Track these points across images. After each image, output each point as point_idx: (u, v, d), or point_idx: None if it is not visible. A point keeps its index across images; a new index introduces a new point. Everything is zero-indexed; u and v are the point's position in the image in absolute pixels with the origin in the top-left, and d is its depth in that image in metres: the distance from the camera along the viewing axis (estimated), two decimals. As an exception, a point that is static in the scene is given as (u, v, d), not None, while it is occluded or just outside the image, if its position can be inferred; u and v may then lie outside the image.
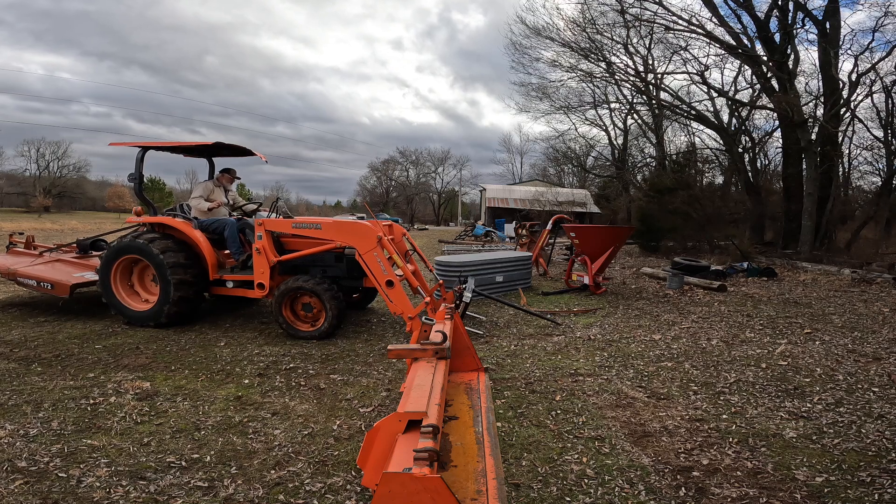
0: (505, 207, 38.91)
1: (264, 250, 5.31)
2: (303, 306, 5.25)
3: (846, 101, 14.45)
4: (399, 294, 4.89)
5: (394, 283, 4.88)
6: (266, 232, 5.35)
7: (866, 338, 5.58)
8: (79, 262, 6.74)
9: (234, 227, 5.78)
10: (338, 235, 5.20)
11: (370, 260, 4.92)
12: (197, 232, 5.65)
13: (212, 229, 5.82)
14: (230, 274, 5.66)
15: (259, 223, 5.37)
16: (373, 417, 3.32)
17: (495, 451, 2.37)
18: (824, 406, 3.58)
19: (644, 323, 6.24)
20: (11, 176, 59.38)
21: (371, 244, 4.92)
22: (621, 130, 28.29)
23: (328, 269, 5.49)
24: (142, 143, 5.90)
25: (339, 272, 5.48)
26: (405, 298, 4.90)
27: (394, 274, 4.92)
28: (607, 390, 3.87)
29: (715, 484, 2.55)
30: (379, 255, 4.91)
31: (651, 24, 15.75)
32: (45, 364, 4.33)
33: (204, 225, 5.82)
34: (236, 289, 5.61)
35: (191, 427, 3.14)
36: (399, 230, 5.97)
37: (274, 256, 5.36)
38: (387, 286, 4.90)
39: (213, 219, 5.88)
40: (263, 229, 5.34)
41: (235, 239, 5.74)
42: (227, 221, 5.84)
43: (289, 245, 5.59)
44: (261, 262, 5.33)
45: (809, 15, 14.22)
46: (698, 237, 15.31)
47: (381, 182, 73.58)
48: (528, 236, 14.10)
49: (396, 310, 4.92)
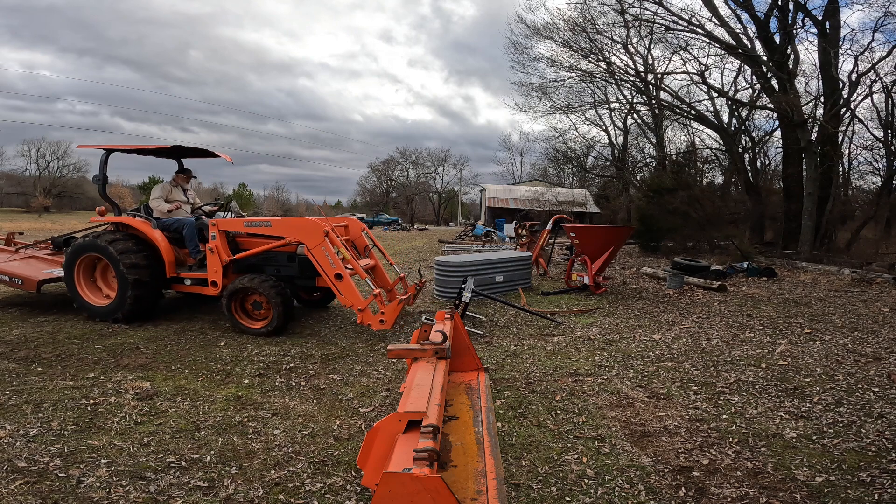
0: (505, 207, 38.91)
1: (217, 249, 5.46)
2: (253, 304, 5.40)
3: (846, 101, 14.45)
4: (348, 287, 5.01)
5: (342, 277, 5.01)
6: (219, 231, 5.50)
7: (866, 338, 5.58)
8: (51, 259, 6.95)
9: (193, 227, 5.92)
10: (287, 232, 5.36)
11: (318, 254, 5.06)
12: (156, 231, 5.82)
13: (172, 229, 5.96)
14: (188, 272, 5.82)
15: (213, 223, 5.52)
16: (373, 417, 3.32)
17: (495, 451, 2.37)
18: (824, 406, 3.58)
19: (644, 323, 6.23)
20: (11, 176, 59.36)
21: (318, 239, 5.05)
22: (621, 130, 28.29)
23: (281, 268, 5.62)
24: (106, 146, 6.13)
25: (291, 272, 5.60)
26: (355, 291, 5.02)
27: (342, 267, 5.04)
28: (607, 390, 3.87)
29: (715, 484, 2.55)
30: (327, 250, 5.03)
31: (651, 24, 15.75)
32: (45, 364, 4.33)
33: (164, 224, 5.98)
34: (193, 286, 5.76)
35: (191, 427, 3.15)
36: (358, 226, 6.20)
37: (227, 255, 5.51)
38: (336, 279, 5.04)
39: (173, 219, 6.04)
40: (217, 229, 5.49)
41: (194, 238, 5.87)
42: (186, 221, 5.98)
43: (244, 245, 5.75)
44: (214, 260, 5.48)
45: (809, 15, 14.22)
46: (698, 237, 15.30)
47: (380, 182, 73.60)
48: (528, 236, 14.10)
49: (346, 302, 5.05)
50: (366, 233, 6.22)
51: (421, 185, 73.86)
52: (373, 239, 6.26)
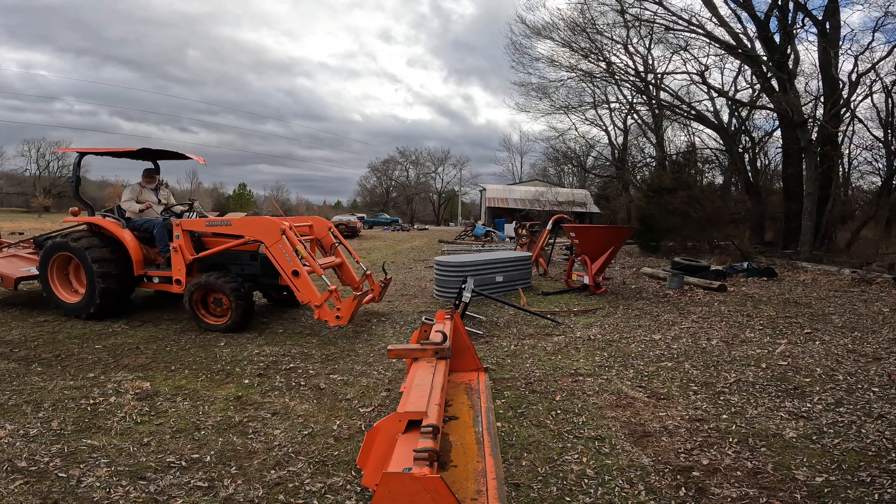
0: (505, 207, 38.92)
1: (181, 248, 5.63)
2: (214, 301, 5.54)
3: (846, 101, 14.46)
4: (305, 283, 5.15)
5: (299, 274, 5.15)
6: (183, 231, 5.67)
7: (866, 338, 5.58)
8: (31, 258, 7.09)
9: (162, 227, 6.05)
10: (246, 230, 5.52)
11: (276, 252, 5.21)
12: (125, 231, 6.00)
13: (143, 229, 6.14)
14: (156, 270, 6.02)
15: (177, 223, 5.69)
16: (373, 417, 3.32)
17: (495, 451, 2.37)
18: (824, 406, 3.58)
19: (644, 323, 6.23)
20: (11, 176, 59.42)
21: (276, 237, 5.20)
22: (621, 130, 28.32)
23: (245, 267, 5.78)
24: (80, 149, 6.45)
25: (255, 270, 5.75)
26: (311, 287, 5.15)
27: (299, 264, 5.16)
28: (607, 390, 3.87)
29: (715, 484, 2.55)
30: (284, 248, 5.18)
31: (651, 24, 15.76)
32: (45, 364, 4.33)
33: (135, 225, 6.15)
34: (161, 284, 5.96)
35: (191, 427, 3.15)
36: (324, 225, 6.45)
37: (190, 254, 5.69)
38: (293, 276, 5.17)
39: (144, 219, 6.20)
40: (180, 229, 5.66)
41: (163, 237, 5.99)
42: (156, 221, 6.13)
43: (210, 244, 5.91)
44: (178, 259, 5.67)
45: (809, 15, 14.22)
46: (698, 237, 15.30)
47: (380, 182, 73.62)
48: (528, 236, 14.10)
49: (303, 298, 5.20)
50: (332, 231, 6.44)
51: (421, 185, 73.88)
52: (339, 237, 6.45)
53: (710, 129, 19.78)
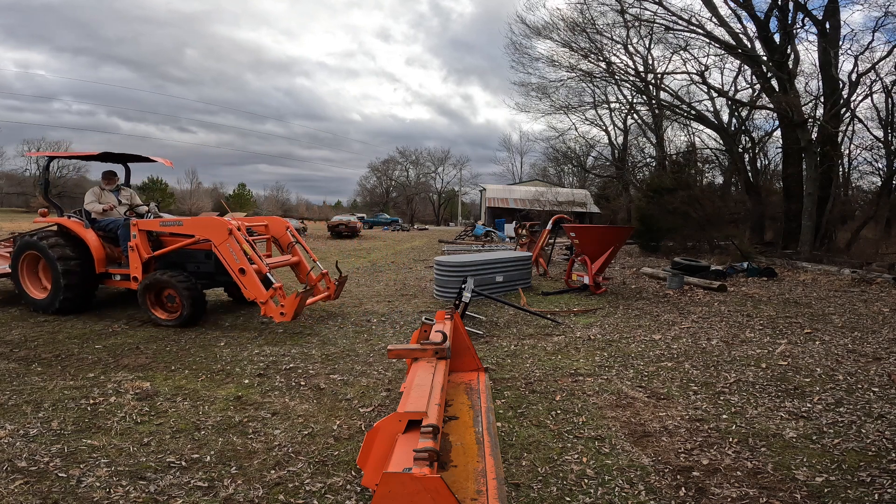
0: (505, 207, 38.92)
1: (137, 247, 5.88)
2: (167, 297, 5.74)
3: (846, 101, 14.46)
4: (251, 280, 5.30)
5: (246, 271, 5.32)
6: (139, 231, 5.92)
7: (866, 338, 5.58)
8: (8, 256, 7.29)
9: (125, 227, 6.21)
10: (196, 230, 5.72)
11: (224, 250, 5.42)
12: (88, 231, 6.23)
13: (107, 229, 6.37)
14: (117, 268, 6.25)
15: (134, 223, 5.94)
16: (373, 417, 3.32)
17: (495, 451, 2.37)
18: (824, 406, 3.58)
19: (644, 323, 6.23)
20: (11, 176, 59.38)
21: (223, 236, 5.42)
22: (621, 130, 28.31)
23: (200, 265, 5.98)
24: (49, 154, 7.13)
25: (209, 268, 5.92)
26: (257, 284, 5.29)
27: (246, 263, 5.32)
28: (607, 390, 3.87)
29: (715, 484, 2.55)
30: (231, 246, 5.37)
31: (651, 24, 15.76)
32: (45, 364, 4.33)
33: (101, 225, 6.38)
34: (122, 281, 6.18)
35: (191, 427, 3.14)
36: (281, 224, 6.67)
37: (146, 253, 5.92)
38: (240, 273, 5.36)
39: (108, 219, 6.42)
40: (137, 229, 5.91)
41: (126, 237, 6.13)
42: (119, 221, 6.30)
43: (168, 243, 6.09)
44: (134, 257, 5.93)
45: (809, 15, 14.22)
46: (698, 237, 15.30)
47: (380, 182, 73.62)
48: (528, 236, 14.10)
49: (249, 295, 5.38)
50: (290, 231, 6.65)
51: (421, 185, 73.89)
52: (297, 237, 6.64)
53: (710, 129, 19.81)
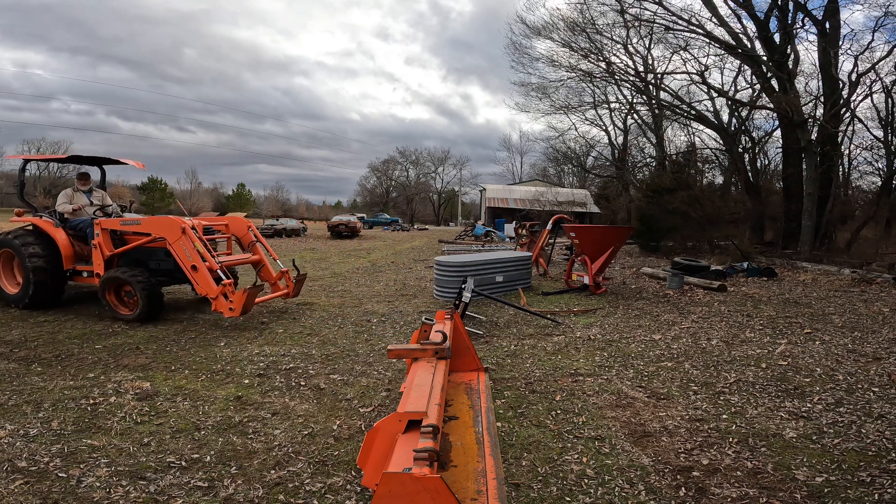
0: (505, 207, 38.93)
1: (100, 245, 6.13)
2: (126, 293, 5.97)
3: (846, 101, 14.46)
4: (203, 277, 5.52)
5: (198, 268, 5.54)
6: (102, 230, 6.16)
7: (866, 338, 5.58)
8: None
9: (91, 226, 6.43)
10: (152, 228, 5.95)
11: (177, 248, 5.66)
12: (58, 230, 6.49)
13: (78, 228, 6.64)
14: (84, 265, 6.49)
15: (97, 222, 6.18)
16: (373, 417, 3.32)
17: (495, 451, 2.37)
18: (824, 406, 3.58)
19: (644, 323, 6.23)
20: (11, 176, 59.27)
21: (177, 234, 5.66)
22: (621, 130, 28.32)
23: (161, 262, 6.18)
24: (24, 157, 7.35)
25: (169, 265, 6.09)
26: (209, 281, 5.50)
27: (199, 260, 5.55)
28: (607, 390, 3.87)
29: (715, 484, 2.55)
30: (185, 244, 5.60)
31: (651, 24, 15.76)
32: (45, 364, 4.33)
33: (71, 225, 6.66)
34: (89, 278, 6.41)
35: (191, 427, 3.14)
36: (243, 223, 6.93)
37: (108, 250, 6.15)
38: (192, 270, 5.59)
39: (78, 219, 6.69)
40: (100, 227, 6.15)
41: (92, 235, 6.35)
42: (88, 221, 6.54)
43: (131, 241, 6.28)
44: (97, 255, 6.19)
45: (809, 15, 14.22)
46: (698, 237, 15.30)
47: (380, 182, 73.64)
48: (528, 236, 14.10)
49: (201, 291, 5.62)
50: (252, 230, 6.89)
51: (421, 185, 73.91)
52: (258, 236, 6.85)
53: (710, 129, 19.81)
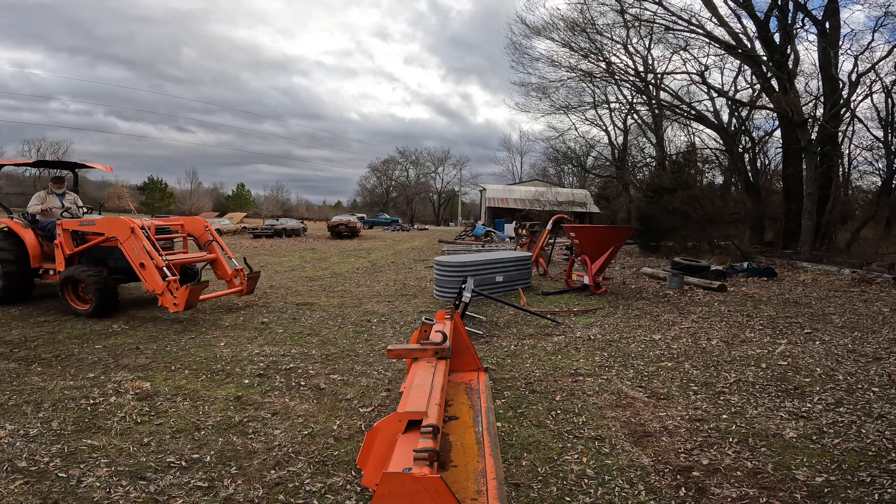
0: (505, 207, 38.93)
1: (61, 245, 6.46)
2: (83, 290, 6.23)
3: (846, 101, 14.47)
4: (151, 274, 5.80)
5: (146, 266, 5.83)
6: (63, 230, 6.47)
7: (866, 338, 5.58)
8: None
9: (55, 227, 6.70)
10: (105, 229, 6.25)
11: (128, 247, 5.97)
12: (26, 231, 6.85)
13: (46, 229, 6.94)
14: (51, 264, 6.77)
15: (59, 223, 6.49)
16: (373, 417, 3.32)
17: (495, 451, 2.37)
18: (824, 406, 3.58)
19: (644, 323, 6.23)
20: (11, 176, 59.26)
21: (126, 234, 5.98)
22: (621, 130, 28.34)
23: (118, 260, 6.39)
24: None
25: (126, 263, 6.26)
26: (156, 278, 5.77)
27: (146, 258, 5.84)
28: (607, 390, 3.87)
29: (715, 484, 2.55)
30: (134, 243, 5.92)
31: (651, 24, 15.77)
32: (45, 364, 4.33)
33: (41, 225, 6.98)
34: (55, 276, 6.63)
35: (191, 427, 3.14)
36: (200, 223, 7.27)
37: (69, 249, 6.45)
38: (140, 268, 5.88)
39: (47, 220, 6.99)
40: (61, 228, 6.47)
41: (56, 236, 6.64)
42: (55, 222, 6.80)
43: (90, 241, 6.53)
44: (59, 254, 6.52)
45: (809, 15, 14.22)
46: (698, 237, 15.30)
47: (380, 182, 73.66)
48: (528, 236, 14.11)
49: (149, 287, 5.89)
50: (209, 229, 7.18)
51: (421, 185, 73.93)
52: (215, 236, 7.13)
53: (710, 129, 19.81)
